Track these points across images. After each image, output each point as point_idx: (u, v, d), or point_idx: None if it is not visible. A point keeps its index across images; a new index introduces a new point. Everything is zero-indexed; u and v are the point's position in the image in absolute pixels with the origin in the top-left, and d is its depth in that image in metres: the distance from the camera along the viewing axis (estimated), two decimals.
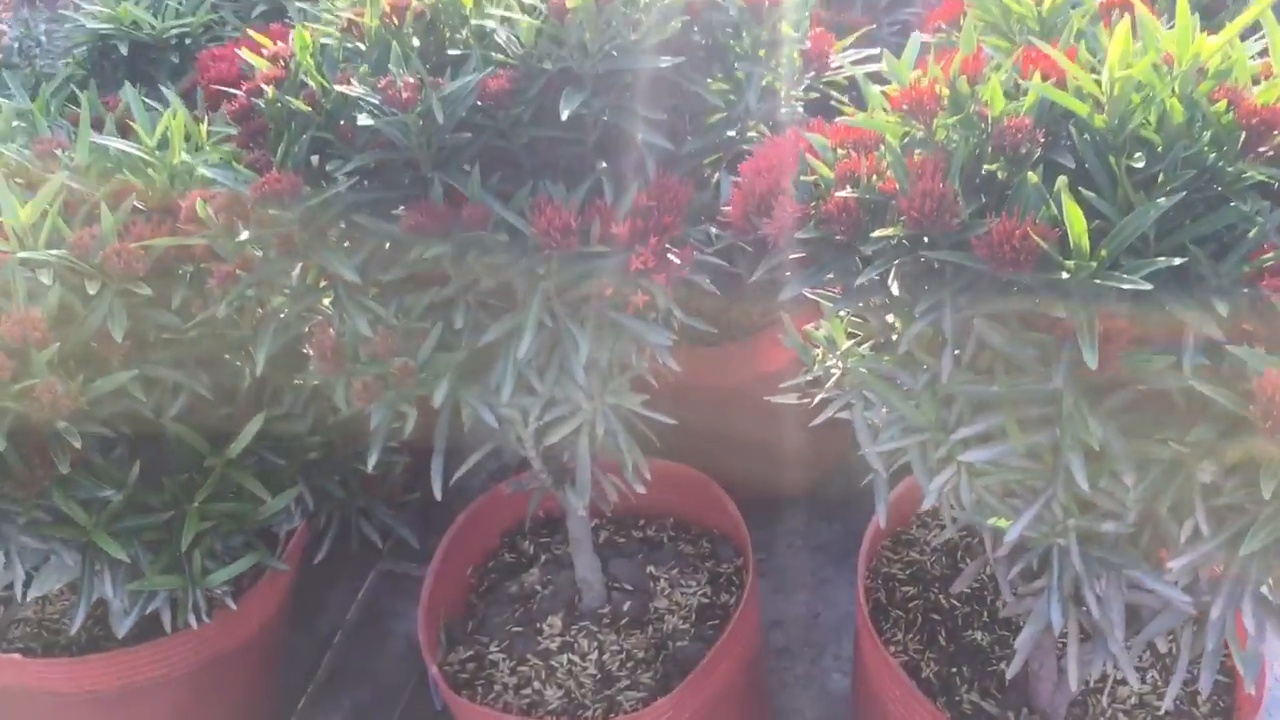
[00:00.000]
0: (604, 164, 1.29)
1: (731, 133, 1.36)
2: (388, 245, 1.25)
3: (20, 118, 1.58)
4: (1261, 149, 0.93)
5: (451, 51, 1.27)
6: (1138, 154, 0.95)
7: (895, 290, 1.05)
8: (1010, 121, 0.97)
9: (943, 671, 1.57)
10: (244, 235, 1.18)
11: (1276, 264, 0.91)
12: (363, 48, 1.28)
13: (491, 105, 1.20)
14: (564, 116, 1.16)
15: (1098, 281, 0.88)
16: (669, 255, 1.19)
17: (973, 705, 1.53)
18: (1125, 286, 0.86)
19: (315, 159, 1.25)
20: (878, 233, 0.98)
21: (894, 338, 1.19)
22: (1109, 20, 1.19)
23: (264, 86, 1.22)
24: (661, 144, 1.24)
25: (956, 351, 1.07)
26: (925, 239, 0.98)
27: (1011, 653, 1.33)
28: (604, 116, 1.24)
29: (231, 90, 1.30)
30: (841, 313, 1.23)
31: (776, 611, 2.30)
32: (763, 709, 1.96)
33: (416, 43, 1.27)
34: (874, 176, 1.02)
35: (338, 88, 1.17)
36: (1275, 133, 0.92)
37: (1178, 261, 0.88)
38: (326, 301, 1.33)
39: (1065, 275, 0.88)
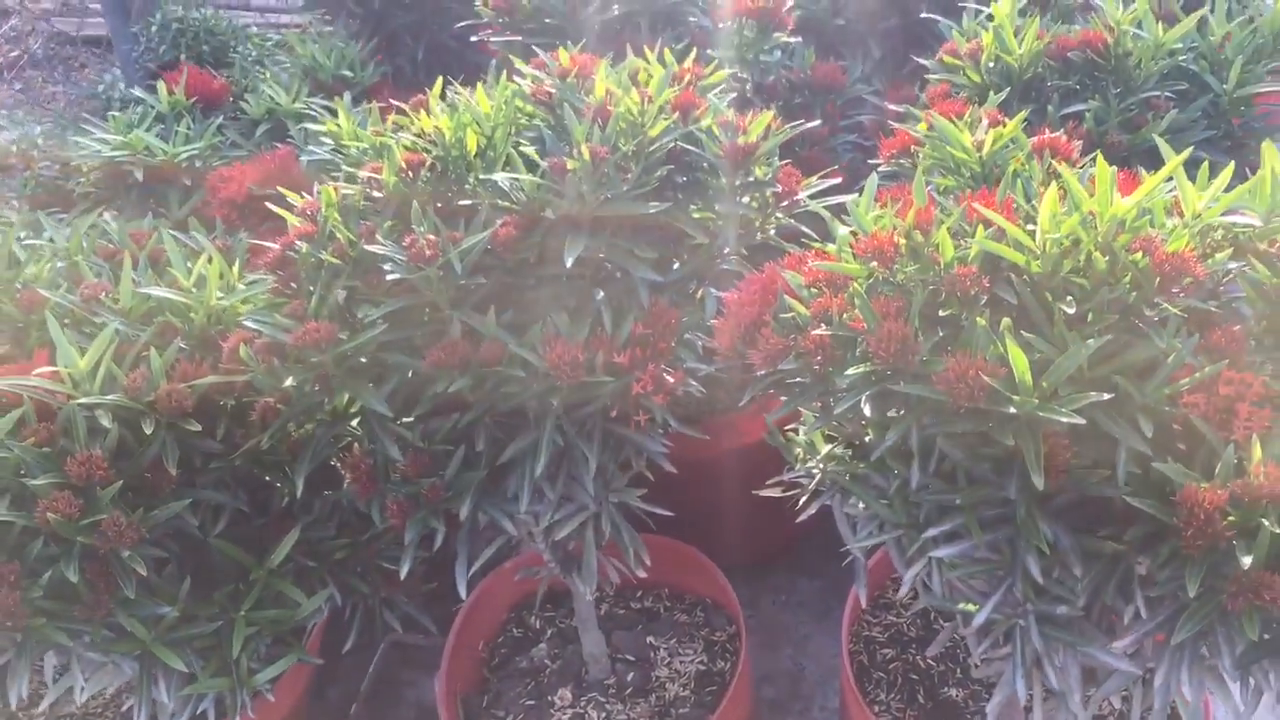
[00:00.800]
0: (602, 294, 1.43)
1: (713, 259, 1.50)
2: (412, 375, 1.38)
3: (57, 256, 1.70)
4: (1174, 290, 1.08)
5: (461, 202, 1.40)
6: (1069, 297, 1.10)
7: (867, 411, 1.18)
8: (959, 270, 1.11)
9: None
10: (289, 380, 1.30)
11: (1193, 386, 1.06)
12: (381, 196, 1.42)
13: (501, 250, 1.34)
14: (568, 264, 1.29)
15: (1041, 413, 1.02)
16: (665, 376, 1.33)
17: None
18: (1063, 419, 1.00)
19: (343, 297, 1.38)
20: (850, 371, 1.11)
21: (868, 439, 1.33)
22: (1040, 159, 1.35)
23: (297, 241, 1.35)
24: (652, 277, 1.37)
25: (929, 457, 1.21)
26: (893, 373, 1.11)
27: (985, 706, 1.46)
28: (600, 254, 1.38)
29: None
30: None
31: (765, 667, 2.43)
32: None
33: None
34: (844, 314, 1.16)
35: (365, 246, 1.30)
36: (1185, 276, 1.07)
37: (1107, 396, 1.02)
38: (355, 424, 1.45)
39: (1012, 409, 1.02)
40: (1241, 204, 1.18)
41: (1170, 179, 1.15)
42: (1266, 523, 0.98)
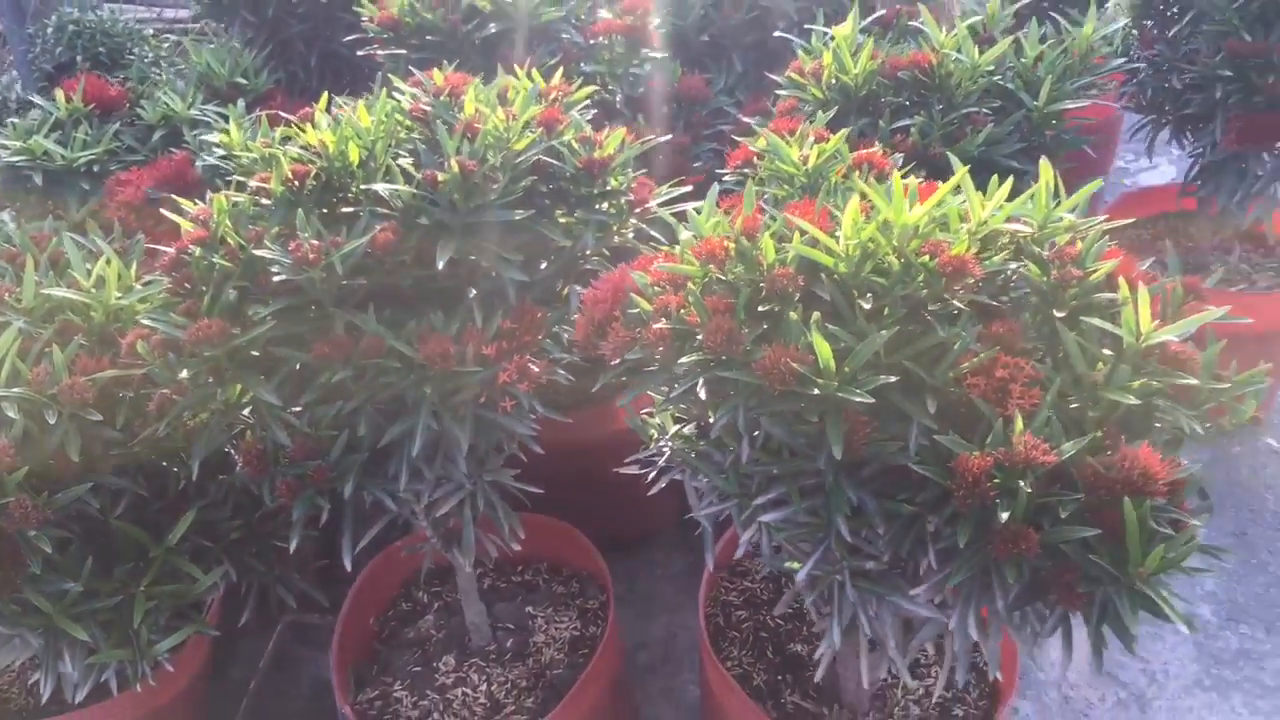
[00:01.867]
0: (474, 292, 1.55)
1: (577, 259, 1.63)
2: (299, 367, 1.49)
3: None
4: (957, 287, 1.25)
5: (344, 209, 1.51)
6: (869, 294, 1.26)
7: (703, 395, 1.33)
8: (779, 271, 1.25)
9: (770, 679, 1.86)
10: (184, 373, 1.40)
11: (974, 369, 1.23)
12: (269, 204, 1.53)
13: (380, 253, 1.45)
14: (440, 265, 1.42)
15: (840, 394, 1.17)
16: (530, 366, 1.46)
17: (795, 705, 1.82)
18: (857, 399, 1.16)
19: (235, 297, 1.49)
20: (684, 359, 1.26)
21: (710, 420, 1.48)
22: (860, 171, 1.51)
23: (191, 246, 1.45)
24: (519, 277, 1.50)
25: (756, 434, 1.36)
26: (721, 361, 1.26)
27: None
28: (472, 257, 1.51)
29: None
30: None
31: (641, 634, 2.58)
32: None
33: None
34: (682, 310, 1.31)
35: (255, 250, 1.41)
36: (967, 276, 1.24)
37: (894, 379, 1.18)
38: (247, 413, 1.56)
39: (817, 390, 1.18)
40: (1021, 213, 1.36)
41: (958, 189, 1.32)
42: (1023, 484, 1.14)
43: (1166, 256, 1.51)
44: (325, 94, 1.68)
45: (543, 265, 1.63)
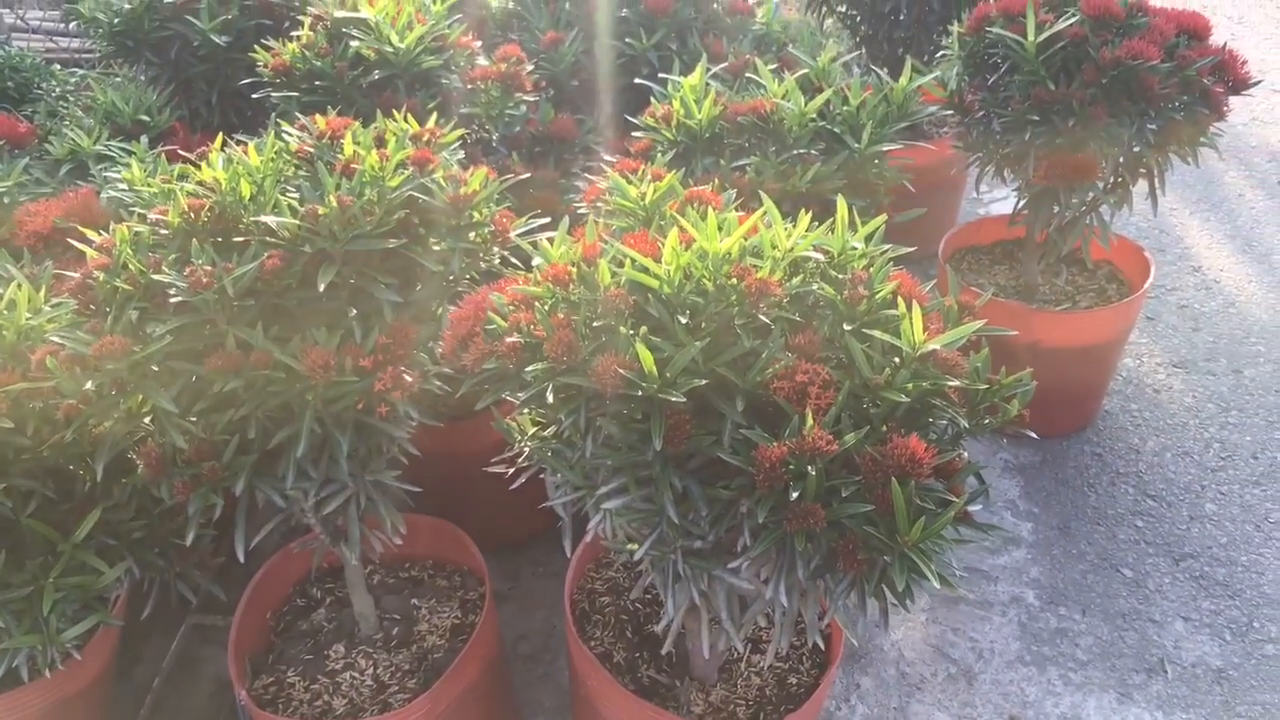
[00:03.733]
0: (354, 311, 1.70)
1: (448, 282, 1.79)
2: (195, 378, 1.62)
3: None
4: (763, 305, 1.43)
5: (235, 239, 1.65)
6: (689, 311, 1.44)
7: (549, 399, 1.50)
8: (612, 292, 1.43)
9: (629, 656, 2.03)
10: (89, 385, 1.52)
11: (779, 374, 1.41)
12: (167, 234, 1.66)
13: (268, 277, 1.59)
14: (321, 288, 1.57)
15: (660, 395, 1.35)
16: (404, 377, 1.62)
17: (650, 679, 2.00)
18: (674, 399, 1.33)
19: (136, 316, 1.61)
20: (531, 368, 1.42)
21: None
22: (691, 206, 1.70)
23: (96, 271, 1.58)
24: (393, 298, 1.66)
25: (596, 431, 1.53)
26: (563, 369, 1.43)
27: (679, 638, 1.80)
28: (351, 280, 1.66)
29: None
30: (527, 410, 1.68)
31: (523, 627, 2.73)
32: (507, 702, 2.37)
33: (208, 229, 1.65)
34: (530, 326, 1.47)
35: (153, 275, 1.54)
36: (769, 296, 1.42)
37: (705, 381, 1.36)
38: (148, 420, 1.68)
39: (640, 392, 1.35)
40: (823, 242, 1.56)
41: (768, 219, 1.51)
42: (812, 469, 1.33)
43: (998, 278, 1.72)
44: (220, 134, 1.81)
45: (418, 287, 1.78)
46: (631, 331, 1.42)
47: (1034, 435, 1.53)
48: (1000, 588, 2.87)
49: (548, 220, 1.82)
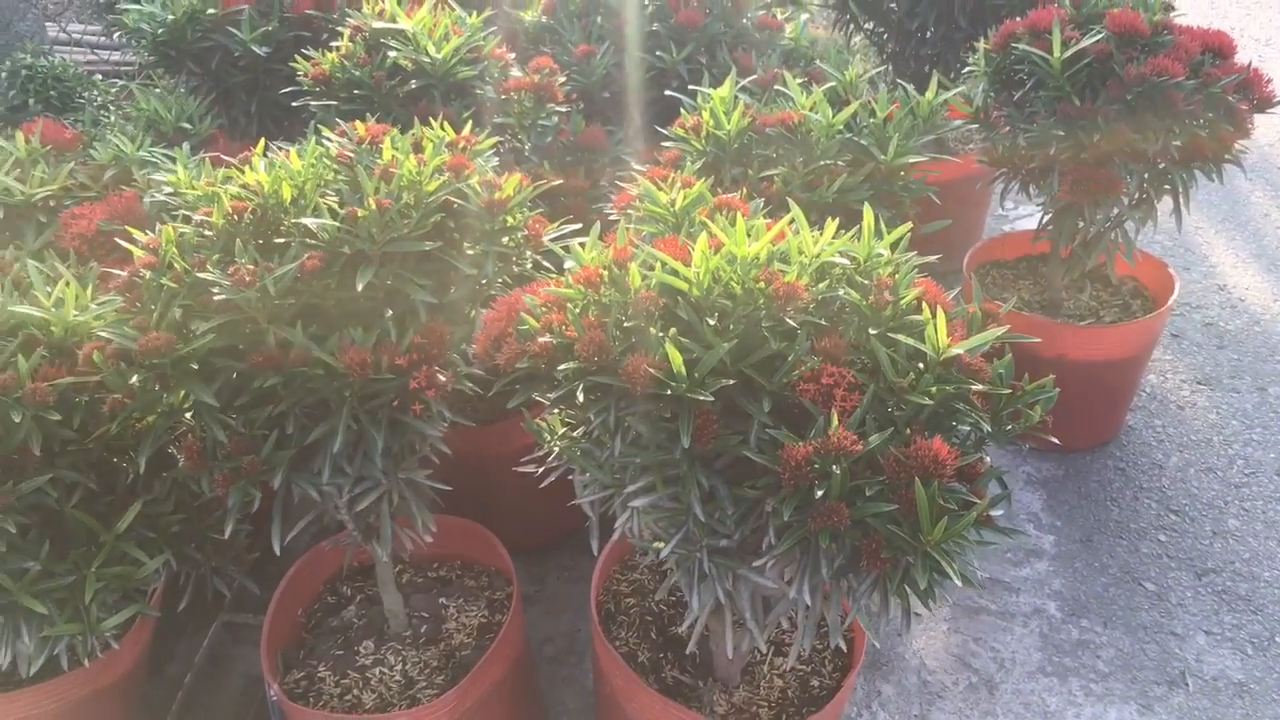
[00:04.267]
0: (390, 312, 1.74)
1: (481, 286, 1.83)
2: (235, 375, 1.66)
3: None
4: (789, 309, 1.46)
5: (277, 240, 1.69)
6: (717, 313, 1.47)
7: (580, 398, 1.53)
8: (643, 294, 1.46)
9: (653, 657, 2.05)
10: (134, 379, 1.56)
11: (802, 375, 1.44)
12: (211, 234, 1.70)
13: (308, 277, 1.63)
14: (359, 288, 1.60)
15: (689, 395, 1.38)
16: (438, 376, 1.65)
17: (674, 679, 2.02)
18: (701, 399, 1.36)
19: (180, 314, 1.66)
20: (562, 366, 1.45)
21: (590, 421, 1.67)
22: (720, 212, 1.73)
23: (142, 269, 1.62)
24: (429, 300, 1.69)
25: (625, 430, 1.56)
26: (594, 368, 1.46)
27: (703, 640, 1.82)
28: (388, 281, 1.70)
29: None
30: (556, 410, 1.71)
31: (548, 630, 2.75)
32: (532, 702, 2.39)
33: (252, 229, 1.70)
34: (562, 326, 1.50)
35: (198, 274, 1.59)
36: (798, 299, 1.45)
37: (732, 381, 1.39)
38: (189, 416, 1.72)
39: (670, 392, 1.38)
40: (849, 249, 1.58)
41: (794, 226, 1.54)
42: (837, 469, 1.35)
43: (1022, 293, 1.74)
44: (262, 139, 1.86)
45: (452, 290, 1.82)
46: (661, 333, 1.44)
47: (1056, 442, 1.55)
48: (1022, 599, 2.87)
49: (579, 226, 1.86)
